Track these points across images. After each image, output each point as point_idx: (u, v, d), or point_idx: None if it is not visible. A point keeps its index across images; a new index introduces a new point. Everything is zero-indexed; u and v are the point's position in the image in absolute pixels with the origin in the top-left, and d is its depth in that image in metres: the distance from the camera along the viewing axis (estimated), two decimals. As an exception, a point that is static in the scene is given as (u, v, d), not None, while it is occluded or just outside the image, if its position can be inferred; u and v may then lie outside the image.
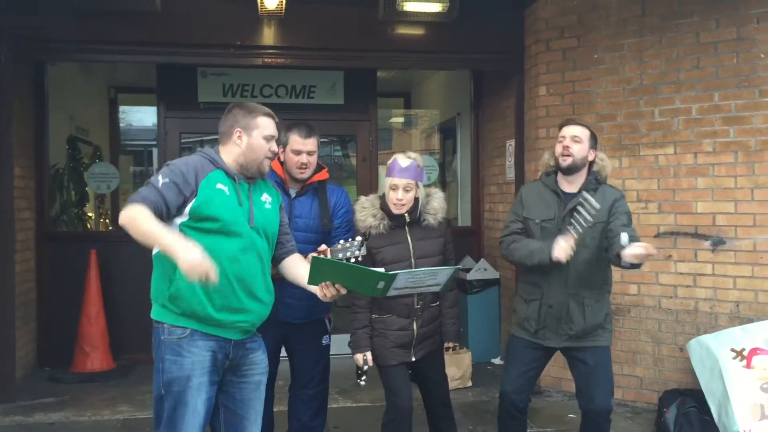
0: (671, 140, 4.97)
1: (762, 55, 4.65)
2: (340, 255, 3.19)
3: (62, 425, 4.79)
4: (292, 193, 3.60)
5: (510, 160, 6.10)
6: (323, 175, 3.67)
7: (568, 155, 3.48)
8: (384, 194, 3.53)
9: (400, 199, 3.44)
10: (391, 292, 3.02)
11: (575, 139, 3.50)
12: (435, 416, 3.83)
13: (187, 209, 2.67)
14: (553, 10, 5.47)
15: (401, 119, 9.48)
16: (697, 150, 4.88)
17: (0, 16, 5.09)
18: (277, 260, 3.00)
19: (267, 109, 2.89)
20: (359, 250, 3.10)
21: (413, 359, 3.57)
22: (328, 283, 2.87)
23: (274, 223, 2.93)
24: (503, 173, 6.29)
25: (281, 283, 3.14)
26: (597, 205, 3.17)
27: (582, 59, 5.33)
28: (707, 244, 4.84)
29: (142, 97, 8.47)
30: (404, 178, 3.44)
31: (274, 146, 2.87)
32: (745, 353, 4.27)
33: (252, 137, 2.82)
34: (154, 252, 2.75)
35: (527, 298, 3.61)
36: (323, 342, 3.74)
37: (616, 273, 5.06)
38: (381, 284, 2.93)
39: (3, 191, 5.17)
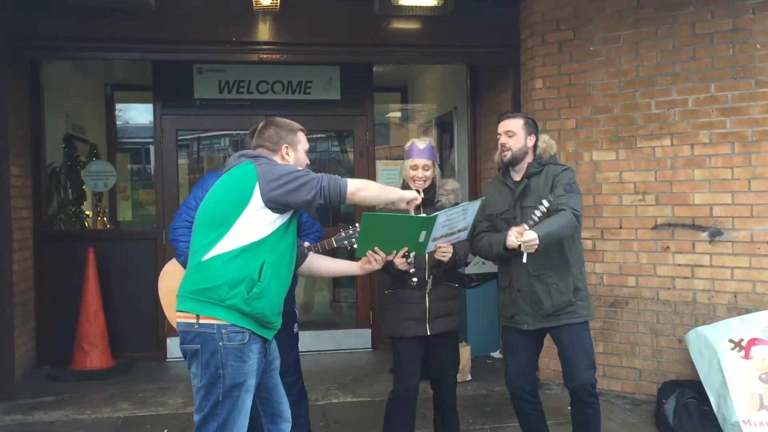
0: (668, 132, 4.97)
1: (758, 46, 4.64)
2: (345, 242, 3.41)
3: (62, 423, 4.80)
4: None
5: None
6: None
7: (507, 150, 3.65)
8: (403, 181, 3.75)
9: (420, 177, 3.67)
10: (430, 247, 3.29)
11: (508, 134, 3.66)
12: (444, 404, 3.85)
13: (291, 213, 2.87)
14: (548, 2, 5.46)
15: (398, 114, 9.47)
16: (694, 141, 4.88)
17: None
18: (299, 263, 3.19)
19: (303, 128, 3.15)
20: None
21: (428, 333, 3.65)
22: (375, 249, 3.17)
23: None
24: (500, 167, 6.28)
25: None
26: (544, 207, 3.43)
27: (578, 52, 5.32)
28: (705, 235, 4.84)
29: (138, 95, 8.46)
30: (423, 158, 3.69)
31: (307, 159, 3.13)
32: (744, 344, 4.28)
33: (298, 152, 3.05)
34: (229, 249, 2.75)
35: (502, 285, 3.75)
36: (294, 330, 3.82)
37: (613, 266, 5.12)
38: (422, 235, 3.19)
39: (0, 191, 5.17)
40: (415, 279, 3.61)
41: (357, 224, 3.37)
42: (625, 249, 5.09)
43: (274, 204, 2.76)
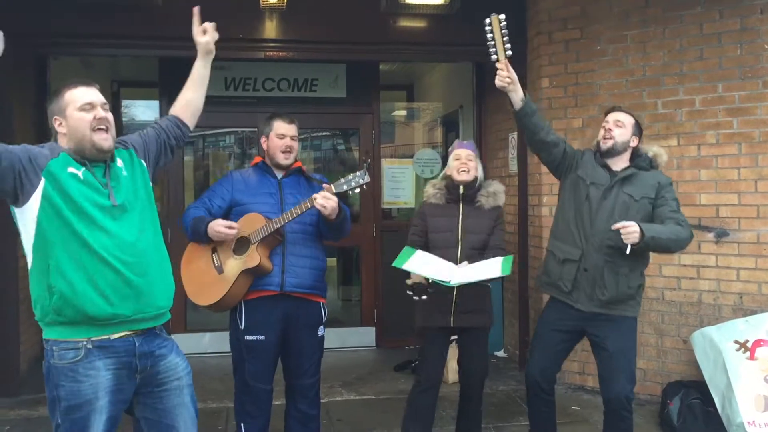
0: (674, 132, 4.95)
1: (766, 46, 4.63)
2: (345, 187, 3.48)
3: (67, 419, 4.80)
4: (278, 175, 3.75)
5: (513, 153, 6.09)
6: (299, 164, 3.84)
7: (610, 138, 3.59)
8: (449, 177, 3.90)
9: (464, 164, 3.82)
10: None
11: (618, 124, 3.60)
12: (467, 394, 3.96)
13: (38, 196, 2.41)
14: (555, 1, 5.44)
15: (404, 112, 9.45)
16: (701, 142, 4.86)
17: (1, 10, 5.08)
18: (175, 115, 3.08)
19: (78, 81, 2.60)
20: (363, 178, 3.43)
21: (452, 325, 3.75)
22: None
23: (137, 188, 2.68)
24: (506, 166, 6.28)
25: (283, 253, 3.55)
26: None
27: (585, 51, 5.30)
28: (711, 236, 4.83)
29: (145, 91, 8.45)
30: (466, 149, 3.89)
31: (98, 112, 2.54)
32: (749, 345, 4.27)
33: (68, 117, 2.53)
34: (29, 267, 2.52)
35: (562, 257, 3.63)
36: (319, 333, 3.82)
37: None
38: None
39: (6, 186, 5.17)
40: (425, 297, 3.66)
41: (358, 172, 3.47)
42: (630, 249, 5.07)
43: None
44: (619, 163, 3.63)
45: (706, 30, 4.83)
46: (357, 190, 3.49)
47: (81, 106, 2.53)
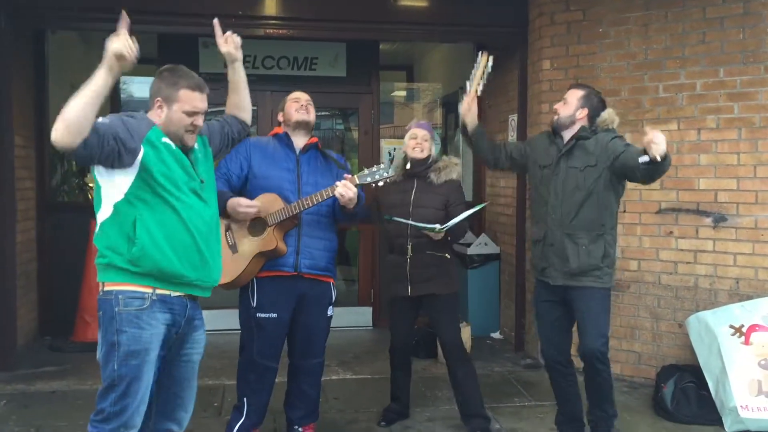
0: (675, 116, 4.94)
1: (769, 31, 4.60)
2: (369, 179, 3.55)
3: (63, 394, 4.83)
4: (297, 150, 3.76)
5: (512, 135, 6.07)
6: (315, 139, 3.86)
7: (556, 114, 3.77)
8: (405, 154, 4.07)
9: (418, 143, 4.01)
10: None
11: (563, 100, 3.77)
12: (449, 361, 4.10)
13: (138, 162, 2.60)
14: (558, -18, 5.40)
15: (403, 92, 9.43)
16: (701, 126, 4.85)
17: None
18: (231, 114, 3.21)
19: (195, 80, 2.77)
20: (387, 171, 3.52)
21: (409, 294, 4.00)
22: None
23: (210, 170, 2.94)
24: (505, 148, 6.25)
25: (298, 234, 3.61)
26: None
27: (587, 33, 5.27)
28: (708, 220, 4.83)
29: (143, 68, 8.28)
30: (422, 129, 4.09)
31: (198, 120, 2.75)
32: (744, 330, 4.29)
33: (172, 111, 2.72)
34: (104, 218, 2.67)
35: (536, 238, 3.84)
36: (328, 313, 3.85)
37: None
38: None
39: (4, 161, 5.16)
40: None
41: (382, 163, 3.56)
42: (628, 233, 5.08)
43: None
44: (569, 135, 3.74)
45: (709, 14, 4.79)
46: (380, 183, 3.56)
47: (188, 111, 2.72)
